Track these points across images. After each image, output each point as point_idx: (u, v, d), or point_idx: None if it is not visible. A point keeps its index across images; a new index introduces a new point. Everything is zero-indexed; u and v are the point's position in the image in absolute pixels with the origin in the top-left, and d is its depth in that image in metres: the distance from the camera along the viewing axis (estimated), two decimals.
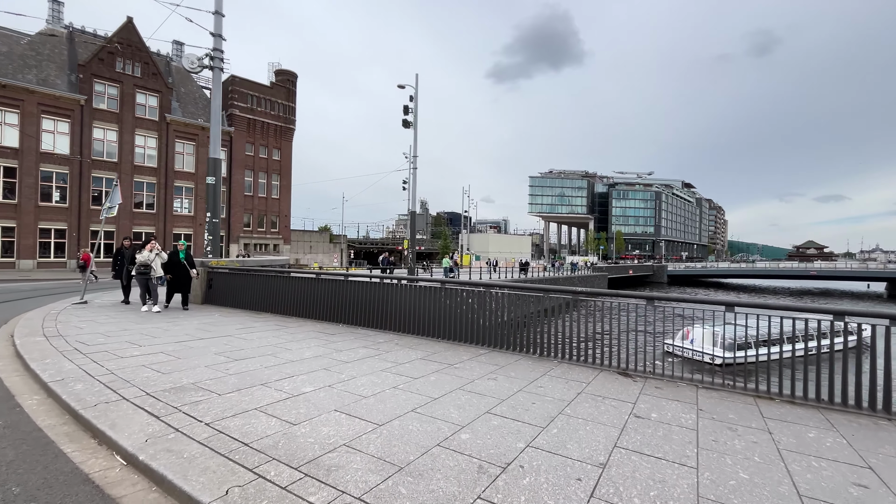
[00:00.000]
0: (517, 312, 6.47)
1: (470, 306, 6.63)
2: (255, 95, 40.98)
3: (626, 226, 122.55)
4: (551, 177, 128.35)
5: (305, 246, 55.17)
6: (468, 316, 6.58)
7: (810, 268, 68.80)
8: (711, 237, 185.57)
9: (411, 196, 20.53)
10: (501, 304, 6.76)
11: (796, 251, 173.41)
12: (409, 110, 19.84)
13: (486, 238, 64.97)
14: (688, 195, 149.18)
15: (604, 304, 6.26)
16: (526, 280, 34.32)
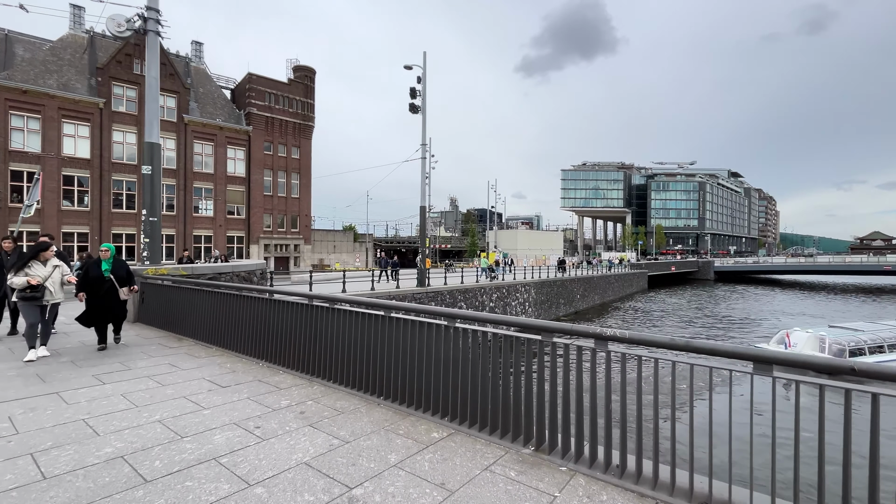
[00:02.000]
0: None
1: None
2: (272, 93, 40.15)
3: (667, 219, 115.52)
4: (585, 169, 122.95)
5: (329, 245, 54.37)
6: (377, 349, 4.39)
7: (884, 262, 61.23)
8: (762, 230, 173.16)
9: (422, 188, 18.40)
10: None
11: (860, 243, 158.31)
12: (416, 93, 17.71)
13: (515, 235, 62.03)
14: (735, 185, 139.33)
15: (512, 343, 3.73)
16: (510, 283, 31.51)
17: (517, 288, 25.91)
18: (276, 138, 40.54)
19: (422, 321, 3.92)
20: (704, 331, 27.44)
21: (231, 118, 38.53)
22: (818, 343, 18.31)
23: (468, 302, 21.10)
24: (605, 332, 2.98)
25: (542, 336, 3.38)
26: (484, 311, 22.42)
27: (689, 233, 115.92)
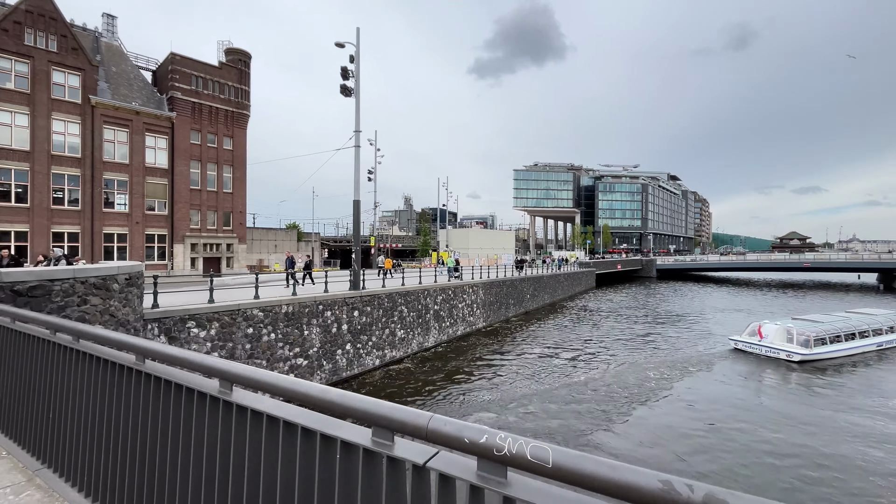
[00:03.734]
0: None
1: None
2: (200, 77, 36.35)
3: (613, 219, 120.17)
4: (536, 170, 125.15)
5: (269, 245, 50.73)
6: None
7: (804, 259, 66.68)
8: (697, 230, 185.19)
9: (355, 180, 16.57)
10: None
11: (780, 242, 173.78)
12: (349, 74, 15.85)
13: (467, 234, 61.19)
14: (674, 187, 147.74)
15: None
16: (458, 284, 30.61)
17: (465, 289, 24.67)
18: (206, 127, 36.78)
19: None
20: (649, 327, 27.70)
21: (151, 102, 34.41)
22: (786, 334, 20.12)
23: (410, 306, 19.52)
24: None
25: None
26: (428, 314, 20.94)
27: (634, 232, 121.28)
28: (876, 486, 9.30)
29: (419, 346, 20.15)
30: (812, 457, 10.64)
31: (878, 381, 16.90)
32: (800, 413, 13.49)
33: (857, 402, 14.43)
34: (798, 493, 9.09)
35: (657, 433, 11.93)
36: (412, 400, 14.11)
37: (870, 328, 21.77)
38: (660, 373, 17.72)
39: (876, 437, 11.69)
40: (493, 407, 13.57)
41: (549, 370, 17.87)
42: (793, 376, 17.60)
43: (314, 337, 14.60)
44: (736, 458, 10.51)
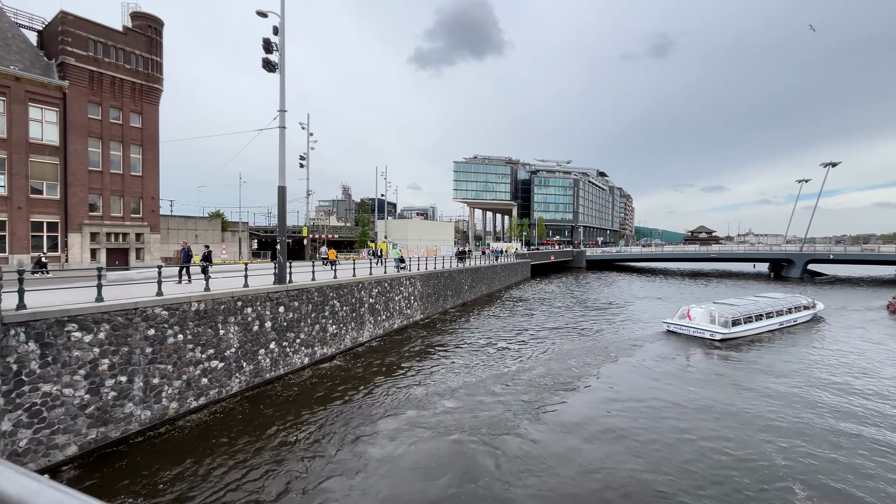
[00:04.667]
0: None
1: None
2: (101, 42, 31.84)
3: (547, 212, 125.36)
4: (476, 162, 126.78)
5: (188, 235, 46.39)
6: None
7: (711, 251, 74.31)
8: (622, 223, 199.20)
9: (280, 164, 15.27)
10: None
11: (691, 235, 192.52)
12: (272, 47, 14.46)
13: (406, 225, 60.47)
14: (602, 183, 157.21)
15: None
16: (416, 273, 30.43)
17: (401, 281, 24.12)
18: (108, 100, 32.39)
19: None
20: (586, 315, 29.08)
21: (35, 67, 29.54)
22: (709, 316, 23.24)
23: (342, 300, 18.61)
24: None
25: None
26: (362, 308, 20.16)
27: (566, 225, 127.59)
28: (764, 429, 10.33)
29: (353, 341, 19.35)
30: (729, 413, 12.25)
31: (779, 354, 19.81)
32: (719, 381, 15.39)
33: (764, 371, 16.24)
34: (709, 431, 9.85)
35: (603, 406, 12.46)
36: (339, 399, 13.41)
37: (774, 310, 25.52)
38: (603, 355, 19.07)
39: (773, 396, 13.77)
40: (420, 402, 13.27)
41: (484, 361, 17.96)
42: (714, 353, 20.13)
43: (232, 336, 13.31)
44: (670, 413, 11.24)
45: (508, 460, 9.98)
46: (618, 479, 9.29)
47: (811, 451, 10.59)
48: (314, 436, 11.01)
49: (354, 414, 12.38)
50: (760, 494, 8.76)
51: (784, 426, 12.07)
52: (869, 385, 15.64)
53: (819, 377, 16.55)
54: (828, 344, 22.14)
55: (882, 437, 11.40)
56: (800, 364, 18.35)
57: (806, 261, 63.43)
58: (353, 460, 9.84)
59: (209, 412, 12.14)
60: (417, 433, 11.25)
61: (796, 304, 27.45)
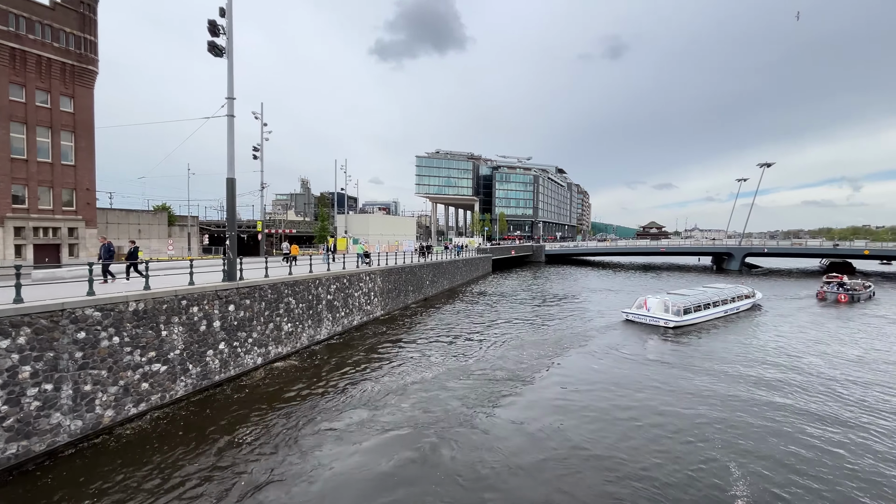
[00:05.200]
0: None
1: None
2: (23, 16, 28.85)
3: (508, 207, 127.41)
4: (438, 157, 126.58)
5: (131, 230, 43.35)
6: None
7: (660, 245, 78.35)
8: (579, 219, 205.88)
9: (229, 155, 14.44)
10: None
11: (642, 230, 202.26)
12: (219, 30, 13.59)
13: (367, 220, 59.39)
14: (560, 180, 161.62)
15: None
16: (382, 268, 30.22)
17: (361, 277, 23.67)
18: (33, 81, 29.48)
19: None
20: (542, 307, 29.77)
21: None
22: (664, 305, 25.00)
23: (298, 297, 17.99)
24: None
25: None
26: (320, 305, 19.60)
27: (526, 220, 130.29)
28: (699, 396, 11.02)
29: (310, 339, 18.79)
30: (679, 394, 12.89)
31: (725, 339, 21.50)
32: (670, 365, 16.32)
33: (710, 354, 17.42)
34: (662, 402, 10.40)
35: (564, 392, 12.75)
36: (291, 400, 12.96)
37: (720, 299, 27.87)
38: (565, 345, 19.93)
39: (718, 377, 14.60)
40: (375, 400, 13.07)
41: (443, 356, 17.98)
42: (668, 338, 21.73)
43: (176, 337, 12.51)
44: (626, 396, 11.73)
45: (462, 455, 10.00)
46: (573, 467, 9.56)
47: (748, 425, 11.40)
48: (262, 440, 10.55)
49: (306, 414, 12.00)
50: (699, 472, 9.30)
51: (727, 405, 13.01)
52: (801, 365, 17.33)
53: (759, 358, 18.23)
54: (766, 329, 24.28)
55: (814, 410, 12.48)
56: (742, 347, 20.12)
57: (744, 254, 68.36)
58: (301, 463, 9.51)
59: (150, 419, 11.36)
60: (369, 432, 11.06)
61: (739, 294, 30.03)
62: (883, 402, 13.44)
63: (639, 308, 25.82)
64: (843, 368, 17.05)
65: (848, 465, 9.77)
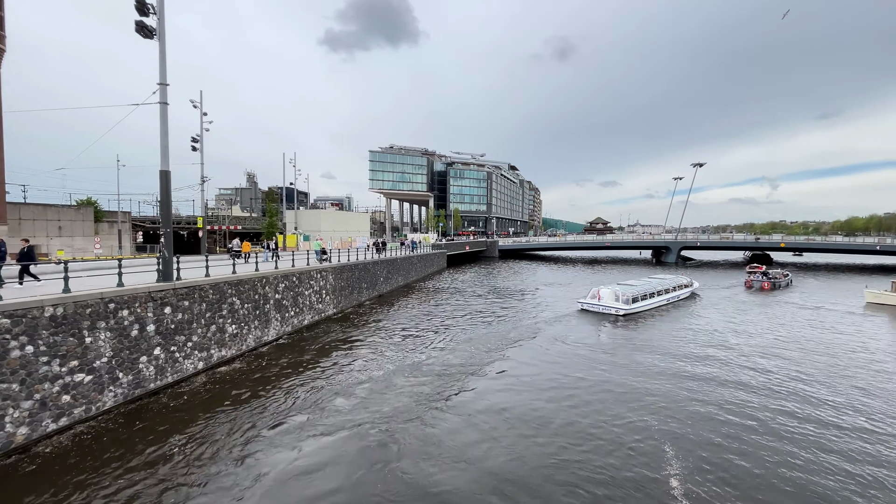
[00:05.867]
0: None
1: None
2: None
3: (463, 203, 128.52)
4: (392, 153, 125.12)
5: (50, 227, 39.25)
6: None
7: (605, 240, 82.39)
8: (531, 215, 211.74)
9: (162, 145, 13.37)
10: None
11: (589, 226, 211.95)
12: (147, 8, 12.47)
13: (318, 215, 57.60)
14: (513, 177, 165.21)
15: None
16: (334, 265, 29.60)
17: (311, 275, 22.90)
18: None
19: None
20: (497, 301, 30.31)
21: None
22: (614, 295, 26.90)
23: (244, 297, 17.09)
24: None
25: None
26: (267, 305, 18.75)
27: (480, 216, 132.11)
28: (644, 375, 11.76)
29: (257, 341, 17.93)
30: (624, 373, 13.58)
31: (668, 324, 23.64)
32: (620, 349, 17.43)
33: (655, 338, 18.90)
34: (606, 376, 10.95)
35: (521, 376, 12.99)
36: (234, 406, 12.32)
37: (663, 288, 30.52)
38: (520, 335, 20.69)
39: (662, 357, 15.74)
40: (323, 401, 12.72)
41: (396, 353, 17.83)
42: (619, 325, 23.94)
43: (102, 344, 11.45)
44: (579, 379, 12.17)
45: (409, 452, 9.97)
46: (518, 454, 9.81)
47: (687, 402, 12.28)
48: (198, 450, 9.90)
49: (249, 420, 11.43)
50: (638, 447, 9.88)
51: (669, 385, 14.10)
52: (733, 344, 19.75)
53: (697, 340, 20.61)
54: (704, 315, 27.09)
55: (745, 381, 13.72)
56: (684, 332, 22.37)
57: (680, 248, 73.47)
58: (238, 473, 9.03)
59: (73, 434, 10.34)
60: (314, 435, 10.73)
61: (679, 283, 33.03)
62: (801, 372, 15.03)
63: (592, 298, 27.65)
64: (769, 345, 19.30)
65: (770, 426, 10.79)
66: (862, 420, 11.81)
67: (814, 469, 9.38)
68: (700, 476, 9.06)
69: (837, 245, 70.08)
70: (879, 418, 11.92)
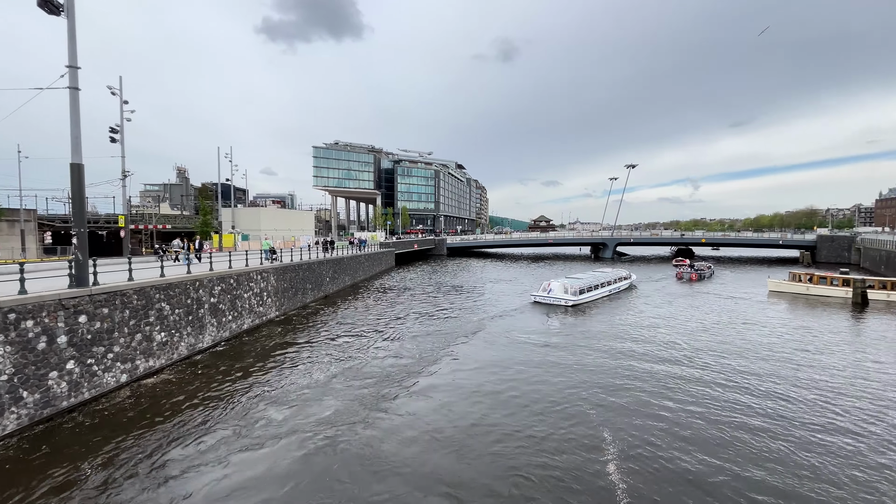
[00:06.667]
0: None
1: None
2: None
3: (411, 202, 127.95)
4: (337, 149, 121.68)
5: None
6: None
7: (548, 237, 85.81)
8: (478, 212, 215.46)
9: (72, 136, 12.00)
10: None
11: (534, 223, 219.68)
12: None
13: (258, 214, 54.69)
14: (460, 175, 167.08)
15: None
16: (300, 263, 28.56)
17: (251, 276, 21.71)
18: None
19: None
20: (446, 299, 30.47)
21: None
22: (563, 287, 29.14)
23: (174, 301, 15.82)
24: None
25: None
26: (201, 310, 17.51)
27: (428, 214, 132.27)
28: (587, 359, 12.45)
29: (190, 348, 16.69)
30: (569, 359, 15.45)
31: (609, 313, 25.99)
32: (567, 336, 19.78)
33: (598, 326, 20.85)
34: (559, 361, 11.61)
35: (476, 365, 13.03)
36: (160, 421, 11.38)
37: (606, 280, 33.47)
38: (469, 330, 21.40)
39: (604, 341, 16.88)
40: (258, 410, 12.06)
41: (342, 355, 17.39)
42: (568, 315, 26.09)
43: (1, 360, 10.09)
44: (527, 366, 12.72)
45: (351, 459, 9.66)
46: (462, 450, 9.96)
47: (626, 385, 13.12)
48: (116, 473, 8.96)
49: (176, 435, 10.57)
50: (578, 433, 10.41)
51: (608, 369, 15.43)
52: (669, 327, 22.63)
53: (637, 323, 23.51)
54: (642, 303, 30.30)
55: (676, 357, 15.33)
56: (625, 317, 25.17)
57: (615, 244, 78.31)
58: (163, 495, 8.29)
59: None
60: (247, 447, 10.08)
61: (619, 276, 36.16)
62: (721, 353, 16.72)
63: (544, 290, 29.74)
64: (696, 330, 21.78)
65: (698, 404, 11.81)
66: (768, 383, 13.33)
67: (728, 425, 10.41)
68: (634, 461, 9.70)
69: (748, 240, 78.20)
70: (779, 382, 13.50)
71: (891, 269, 43.29)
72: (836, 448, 10.13)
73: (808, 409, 12.31)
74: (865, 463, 9.50)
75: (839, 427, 11.19)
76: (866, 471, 9.20)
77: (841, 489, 8.55)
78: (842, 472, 9.11)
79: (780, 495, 8.34)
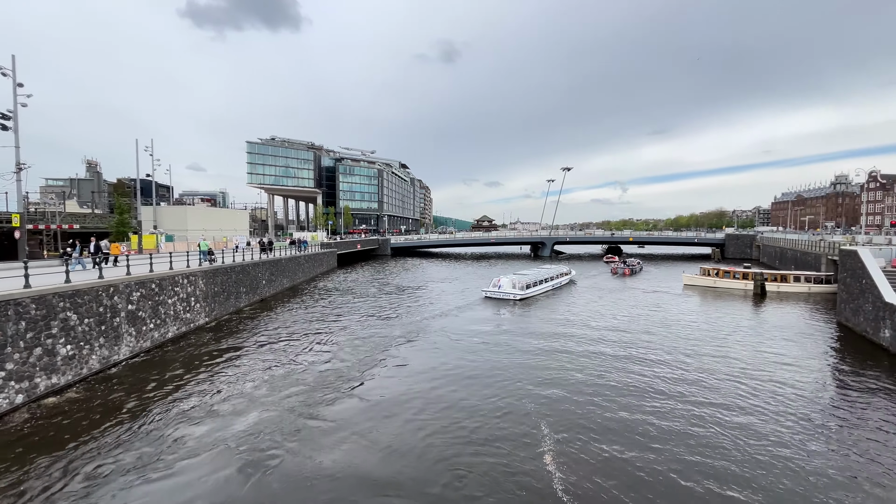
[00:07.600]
0: None
1: None
2: None
3: (353, 201, 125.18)
4: (274, 145, 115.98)
5: None
6: None
7: (491, 236, 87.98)
8: (422, 212, 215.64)
9: None
10: None
11: (477, 223, 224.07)
12: None
13: (184, 212, 50.60)
14: (404, 175, 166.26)
15: None
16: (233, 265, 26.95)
17: (177, 280, 20.08)
18: None
19: None
20: (391, 299, 30.13)
21: None
22: (511, 283, 31.13)
23: (82, 310, 14.23)
24: None
25: None
26: (116, 318, 15.92)
27: (372, 214, 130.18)
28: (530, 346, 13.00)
29: (103, 362, 15.10)
30: (516, 349, 16.23)
31: (552, 306, 28.31)
32: (516, 327, 21.34)
33: (544, 317, 22.82)
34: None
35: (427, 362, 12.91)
36: (60, 445, 10.14)
37: (549, 276, 36.13)
38: (414, 328, 21.26)
39: (548, 334, 17.41)
40: (173, 428, 11.13)
41: (276, 362, 16.62)
42: (516, 308, 28.19)
43: None
44: (490, 337, 12.86)
45: (283, 472, 9.31)
46: (405, 452, 9.99)
47: (568, 372, 13.81)
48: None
49: (80, 462, 9.38)
50: (516, 425, 10.84)
51: (552, 358, 16.44)
52: (607, 315, 25.38)
53: (578, 312, 26.54)
54: (583, 295, 33.40)
55: (614, 339, 17.25)
56: (568, 308, 27.98)
57: (553, 242, 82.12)
58: None
59: None
60: (165, 470, 9.15)
61: (561, 272, 39.25)
62: (648, 340, 18.20)
63: (494, 286, 31.58)
64: (635, 317, 24.52)
65: (636, 387, 12.75)
66: (680, 357, 14.70)
67: (655, 404, 11.37)
68: (570, 445, 10.27)
69: (669, 238, 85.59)
70: (688, 368, 14.97)
71: (783, 264, 49.61)
72: (734, 423, 11.43)
73: (711, 389, 13.79)
74: (760, 433, 10.82)
75: (738, 405, 12.65)
76: (764, 443, 10.47)
77: (741, 463, 9.65)
78: (743, 444, 10.30)
79: (685, 465, 9.25)
